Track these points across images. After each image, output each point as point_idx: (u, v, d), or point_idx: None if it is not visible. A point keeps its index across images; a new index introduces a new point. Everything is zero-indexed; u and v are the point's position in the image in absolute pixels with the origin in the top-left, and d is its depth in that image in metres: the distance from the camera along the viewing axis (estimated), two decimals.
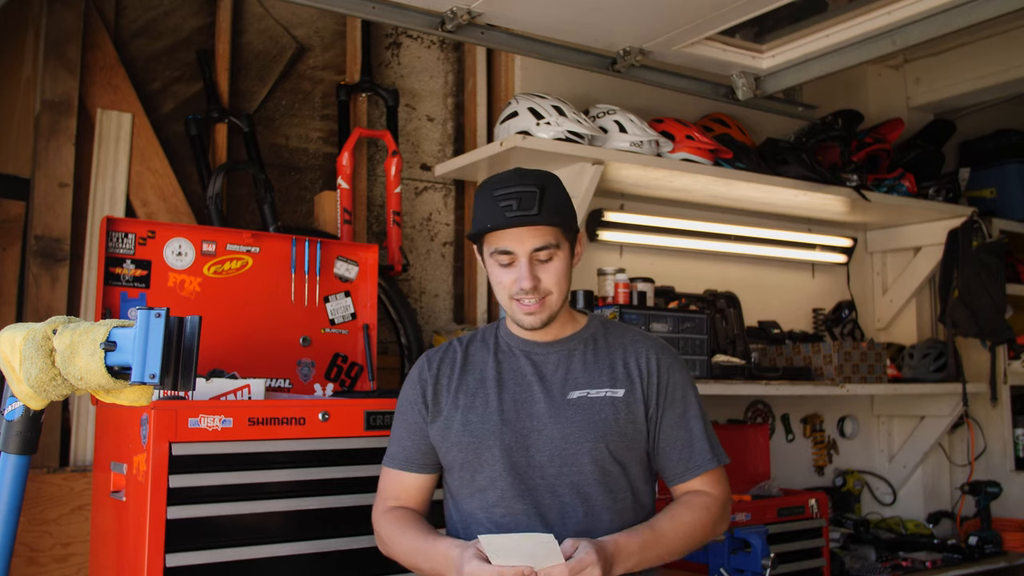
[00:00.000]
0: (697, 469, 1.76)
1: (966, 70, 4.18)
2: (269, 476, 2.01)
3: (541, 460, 1.70)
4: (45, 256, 2.52)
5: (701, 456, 1.76)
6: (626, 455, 1.73)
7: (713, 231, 3.70)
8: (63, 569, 2.38)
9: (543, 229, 1.69)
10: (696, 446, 1.77)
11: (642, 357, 1.78)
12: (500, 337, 1.85)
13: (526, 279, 1.68)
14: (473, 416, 1.75)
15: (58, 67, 2.59)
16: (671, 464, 1.77)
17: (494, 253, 1.71)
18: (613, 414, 1.72)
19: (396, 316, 2.99)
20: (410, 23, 2.53)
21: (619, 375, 1.76)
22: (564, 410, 1.72)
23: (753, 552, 2.51)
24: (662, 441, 1.76)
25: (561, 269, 1.72)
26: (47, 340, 1.43)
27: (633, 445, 1.74)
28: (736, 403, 3.73)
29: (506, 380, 1.78)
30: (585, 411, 1.71)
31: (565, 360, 1.78)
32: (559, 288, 1.72)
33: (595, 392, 1.73)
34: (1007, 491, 3.85)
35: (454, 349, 1.86)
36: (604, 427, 1.70)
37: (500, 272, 1.72)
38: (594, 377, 1.75)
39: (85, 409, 2.50)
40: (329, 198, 2.98)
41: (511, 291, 1.71)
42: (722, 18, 2.61)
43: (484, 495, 1.72)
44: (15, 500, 1.47)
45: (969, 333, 3.87)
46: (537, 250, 1.69)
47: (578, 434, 1.69)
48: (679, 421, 1.77)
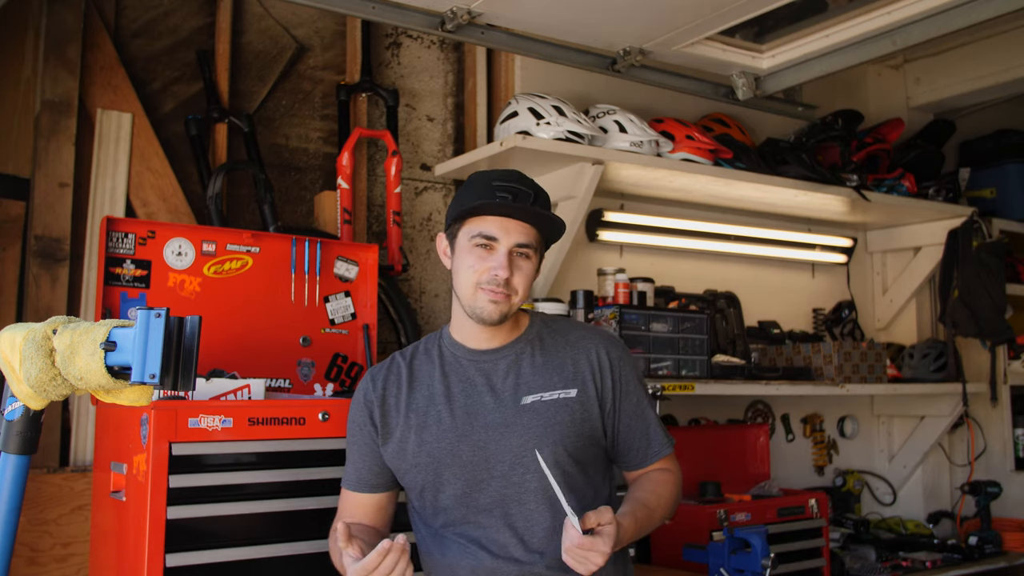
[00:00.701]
0: (657, 454, 1.81)
1: (966, 70, 4.18)
2: (269, 476, 2.01)
3: (503, 470, 1.69)
4: (45, 256, 2.52)
5: (658, 443, 1.82)
6: (584, 454, 1.74)
7: (713, 231, 3.70)
8: (63, 569, 2.38)
9: (530, 229, 1.70)
10: (652, 434, 1.81)
11: (592, 353, 1.78)
12: (444, 347, 1.82)
13: (503, 268, 1.67)
14: (427, 436, 1.73)
15: (58, 67, 2.59)
16: (631, 453, 1.81)
17: (475, 236, 1.69)
18: (569, 415, 1.72)
19: (396, 316, 2.99)
20: (410, 23, 2.53)
21: (569, 375, 1.76)
22: (519, 416, 1.70)
23: (753, 552, 2.51)
24: (622, 432, 1.79)
25: (531, 273, 1.73)
26: (47, 340, 1.43)
27: (590, 443, 1.75)
28: (736, 403, 3.73)
29: (455, 393, 1.76)
30: (540, 415, 1.70)
31: (514, 366, 1.76)
32: (524, 291, 1.72)
33: (548, 395, 1.73)
34: (1007, 491, 3.85)
35: (398, 364, 1.83)
36: (561, 429, 1.70)
37: (474, 257, 1.69)
38: (545, 380, 1.75)
39: (85, 409, 2.50)
40: (329, 198, 2.98)
41: (481, 278, 1.69)
42: (722, 18, 2.61)
43: (450, 513, 1.72)
44: (15, 500, 1.47)
45: (969, 333, 3.87)
46: (519, 246, 1.69)
47: (536, 439, 1.68)
48: (635, 411, 1.80)
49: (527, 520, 1.68)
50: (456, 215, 1.73)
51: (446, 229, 1.78)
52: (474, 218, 1.70)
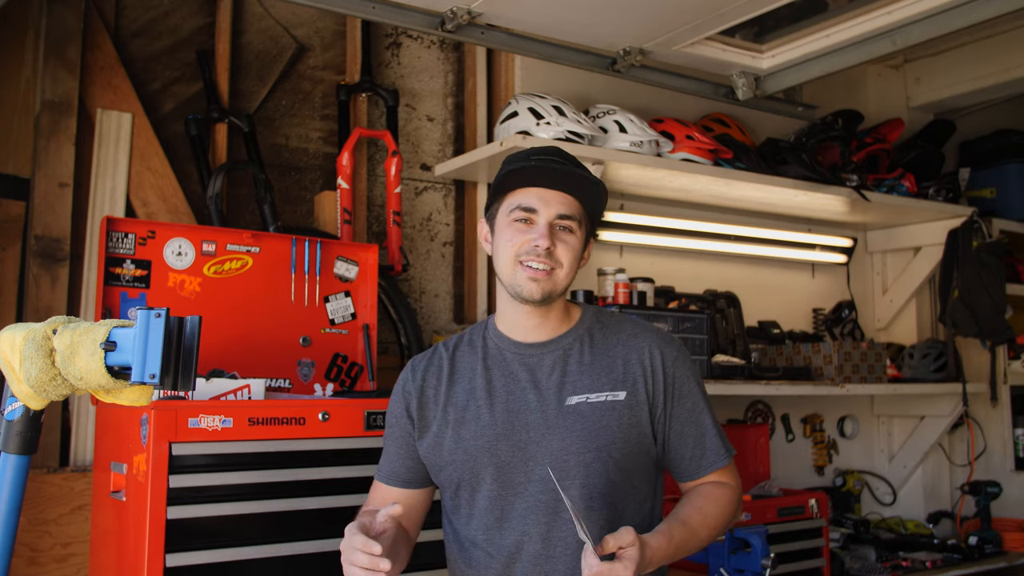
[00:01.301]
0: (711, 466, 1.67)
1: (966, 70, 4.18)
2: (269, 476, 2.01)
3: (541, 473, 1.58)
4: (45, 256, 2.52)
5: (714, 452, 1.67)
6: (631, 463, 1.62)
7: (713, 231, 3.70)
8: (63, 569, 2.38)
9: (571, 200, 1.61)
10: (708, 442, 1.67)
11: (644, 353, 1.66)
12: (489, 339, 1.72)
13: (544, 238, 1.57)
14: (465, 432, 1.63)
15: (58, 67, 2.59)
16: (684, 462, 1.68)
17: (513, 210, 1.61)
18: (616, 420, 1.60)
19: (396, 316, 2.99)
20: (410, 23, 2.53)
21: (619, 376, 1.64)
22: (562, 418, 1.60)
23: (753, 552, 2.51)
24: (673, 440, 1.66)
25: (576, 248, 1.62)
26: (47, 340, 1.43)
27: (638, 451, 1.63)
28: (736, 403, 3.73)
29: (497, 389, 1.66)
30: (585, 418, 1.60)
31: (561, 362, 1.66)
32: (569, 266, 1.61)
33: (595, 396, 1.62)
34: (1007, 491, 3.85)
35: (440, 355, 1.73)
36: (607, 435, 1.59)
37: (513, 231, 1.61)
38: (593, 380, 1.63)
39: (85, 409, 2.50)
40: (329, 198, 2.98)
41: (521, 251, 1.59)
42: (722, 18, 2.61)
43: (484, 516, 1.62)
44: (15, 500, 1.47)
45: (969, 333, 3.87)
46: (561, 217, 1.60)
47: (579, 444, 1.58)
48: (689, 417, 1.66)
49: (563, 530, 1.57)
50: (494, 191, 1.65)
51: (485, 213, 1.70)
52: (512, 193, 1.62)
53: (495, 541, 1.61)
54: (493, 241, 1.67)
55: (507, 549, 1.59)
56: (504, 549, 1.60)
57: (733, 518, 1.69)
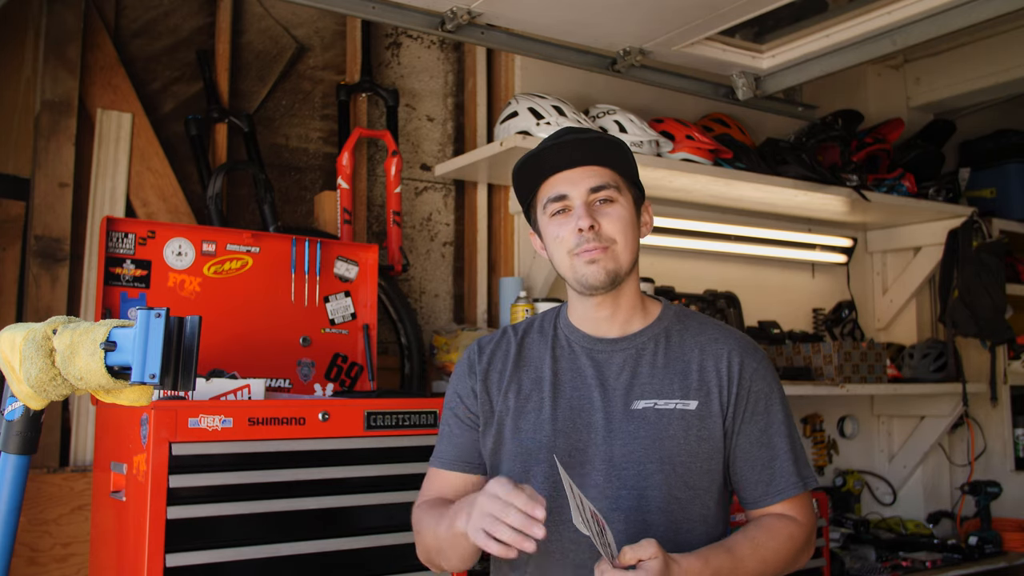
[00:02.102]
0: (778, 495, 1.51)
1: (966, 70, 4.18)
2: (269, 476, 2.01)
3: (597, 479, 1.47)
4: (45, 256, 2.52)
5: (784, 480, 1.51)
6: (698, 479, 1.49)
7: (713, 231, 3.69)
8: (63, 569, 2.38)
9: (599, 170, 1.49)
10: (779, 467, 1.51)
11: (722, 360, 1.52)
12: (560, 328, 1.61)
13: (583, 217, 1.46)
14: (524, 424, 1.54)
15: (58, 67, 2.59)
16: (749, 487, 1.52)
17: (547, 203, 1.51)
18: (684, 431, 1.48)
19: (396, 316, 2.99)
20: (410, 23, 2.53)
21: (692, 383, 1.51)
22: (627, 423, 1.49)
23: None
24: (739, 460, 1.51)
25: (625, 216, 1.49)
26: (47, 340, 1.43)
27: (707, 467, 1.49)
28: None
29: (563, 383, 1.55)
30: (651, 426, 1.48)
31: (632, 362, 1.54)
32: (624, 237, 1.48)
33: (663, 403, 1.49)
34: (1007, 491, 3.85)
35: (508, 339, 1.63)
36: (672, 446, 1.47)
37: (556, 226, 1.50)
38: (664, 385, 1.51)
39: (85, 409, 2.50)
40: (329, 198, 2.98)
41: (570, 244, 1.48)
42: (722, 18, 2.61)
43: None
44: (15, 500, 1.47)
45: (969, 333, 3.87)
46: (594, 190, 1.48)
47: (641, 453, 1.46)
48: (761, 437, 1.51)
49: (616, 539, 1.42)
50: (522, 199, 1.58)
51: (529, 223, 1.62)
52: (539, 190, 1.53)
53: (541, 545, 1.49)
54: (546, 247, 1.58)
55: (552, 554, 1.50)
56: (549, 554, 1.50)
57: (797, 558, 1.51)
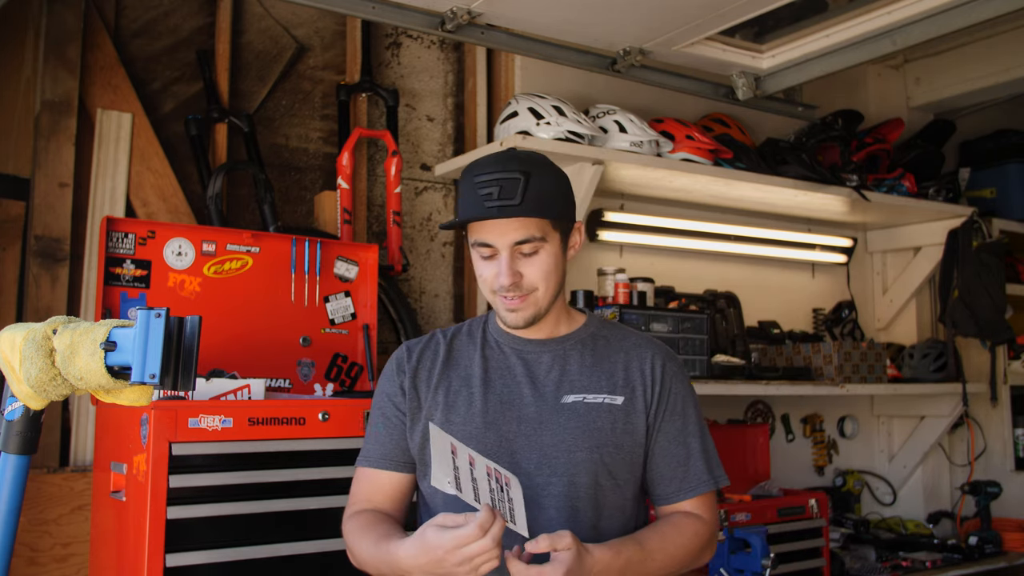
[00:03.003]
0: (691, 490, 1.61)
1: (966, 70, 4.18)
2: (269, 476, 2.01)
3: (528, 468, 1.54)
4: (45, 256, 2.52)
5: (697, 476, 1.61)
6: (621, 470, 1.58)
7: (713, 231, 3.69)
8: (63, 569, 2.38)
9: (526, 221, 1.54)
10: (692, 465, 1.62)
11: (646, 362, 1.64)
12: (489, 332, 1.69)
13: (505, 275, 1.54)
14: (454, 416, 1.59)
15: (58, 67, 2.59)
16: (663, 483, 1.62)
17: (475, 245, 1.58)
18: (611, 423, 1.58)
19: (396, 316, 2.99)
20: (410, 23, 2.53)
21: (619, 381, 1.62)
22: (557, 415, 1.57)
23: (753, 552, 2.51)
24: (657, 456, 1.62)
25: (549, 264, 1.57)
26: (47, 340, 1.43)
27: (630, 459, 1.59)
28: (736, 403, 3.73)
29: (493, 379, 1.62)
30: (580, 417, 1.57)
31: (560, 361, 1.63)
32: (546, 283, 1.57)
33: (592, 397, 1.59)
34: (1007, 491, 3.85)
35: (437, 341, 1.70)
36: (600, 436, 1.56)
37: (482, 265, 1.59)
38: (591, 381, 1.61)
39: (85, 409, 2.50)
40: (329, 198, 2.98)
41: (493, 286, 1.57)
42: (722, 18, 2.61)
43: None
44: (15, 500, 1.47)
45: (969, 333, 3.87)
46: (519, 243, 1.54)
47: (570, 442, 1.55)
48: (678, 436, 1.62)
49: (545, 527, 1.50)
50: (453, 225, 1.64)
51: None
52: (469, 225, 1.59)
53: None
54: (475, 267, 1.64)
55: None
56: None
57: (700, 555, 1.61)
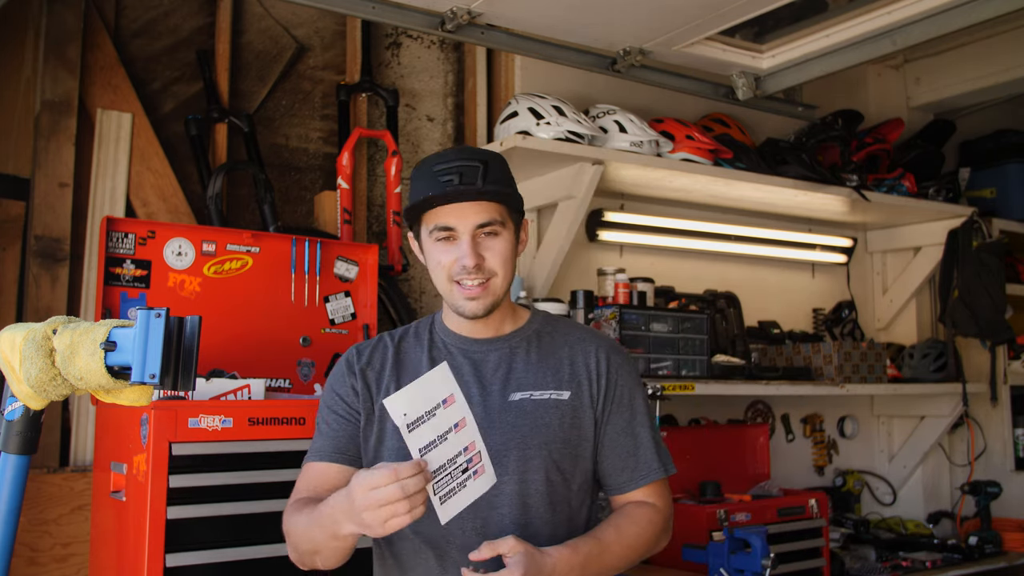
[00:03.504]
0: (642, 479, 1.63)
1: (966, 70, 4.18)
2: (269, 476, 2.01)
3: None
4: (45, 256, 2.52)
5: (647, 466, 1.64)
6: (569, 464, 1.60)
7: (713, 231, 3.69)
8: (63, 569, 2.38)
9: (487, 205, 1.56)
10: (642, 455, 1.64)
11: (591, 356, 1.65)
12: (435, 333, 1.69)
13: (468, 256, 1.54)
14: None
15: (58, 67, 2.59)
16: (615, 473, 1.64)
17: (433, 231, 1.57)
18: (558, 419, 1.59)
19: (396, 316, 2.99)
20: (410, 23, 2.53)
21: (564, 376, 1.63)
22: (505, 414, 1.58)
23: (753, 552, 2.51)
24: (606, 448, 1.64)
25: (507, 250, 1.58)
26: (47, 340, 1.43)
27: (577, 453, 1.61)
28: (736, 403, 3.73)
29: None
30: (528, 415, 1.58)
31: (507, 359, 1.64)
32: (504, 270, 1.58)
33: (539, 394, 1.60)
34: (1007, 491, 3.85)
35: (385, 344, 1.69)
36: (548, 432, 1.58)
37: (439, 252, 1.58)
38: (538, 378, 1.62)
39: (85, 409, 2.50)
40: (329, 198, 2.98)
41: (451, 272, 1.56)
42: (722, 18, 2.61)
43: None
44: (15, 500, 1.47)
45: (969, 333, 3.87)
46: (481, 226, 1.55)
47: (519, 439, 1.56)
48: (626, 427, 1.64)
49: (498, 525, 1.53)
50: (408, 215, 1.63)
51: (410, 229, 1.67)
52: (428, 212, 1.58)
53: (425, 533, 1.55)
54: (428, 265, 1.64)
55: (439, 542, 1.55)
56: (435, 542, 1.55)
57: (657, 541, 1.64)
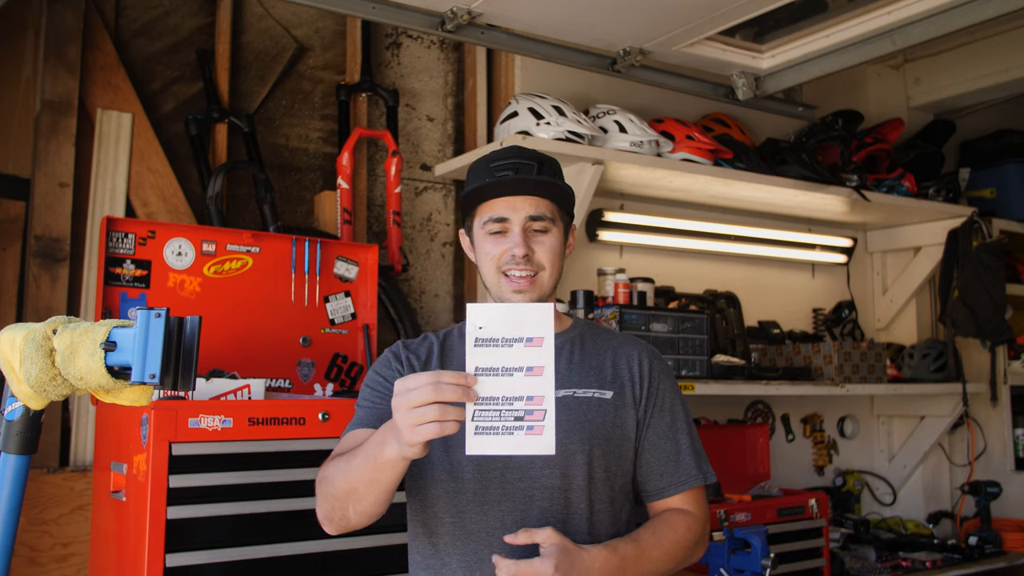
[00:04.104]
0: (681, 485, 1.64)
1: (966, 70, 4.18)
2: (269, 476, 2.01)
3: (521, 462, 1.56)
4: (45, 256, 2.52)
5: (686, 472, 1.65)
6: (612, 463, 1.61)
7: (713, 231, 3.70)
8: (63, 569, 2.38)
9: (539, 200, 1.60)
10: (683, 460, 1.65)
11: (633, 360, 1.68)
12: None
13: (519, 245, 1.57)
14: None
15: (58, 67, 2.59)
16: (654, 478, 1.65)
17: (486, 223, 1.61)
18: (600, 416, 1.61)
19: (396, 316, 2.99)
20: (410, 23, 2.53)
21: (607, 376, 1.65)
22: None
23: (753, 552, 2.51)
24: (647, 451, 1.65)
25: (556, 246, 1.62)
26: (47, 340, 1.43)
27: (619, 452, 1.62)
28: (736, 403, 3.73)
29: None
30: (571, 411, 1.59)
31: None
32: (552, 266, 1.61)
33: (582, 392, 1.62)
34: (1007, 491, 3.85)
35: (430, 340, 1.72)
36: (591, 429, 1.59)
37: (490, 243, 1.61)
38: (581, 377, 1.64)
39: (85, 409, 2.50)
40: (329, 198, 2.98)
41: (500, 262, 1.59)
42: (722, 18, 2.61)
43: (455, 498, 1.57)
44: (15, 500, 1.47)
45: (969, 333, 3.87)
46: (533, 219, 1.59)
47: (562, 435, 1.55)
48: (667, 432, 1.66)
49: (538, 520, 1.54)
50: (465, 207, 1.67)
51: (463, 225, 1.72)
52: (482, 205, 1.62)
53: (464, 524, 1.57)
54: (475, 252, 1.68)
55: (478, 535, 1.56)
56: (475, 535, 1.56)
57: (694, 550, 1.64)
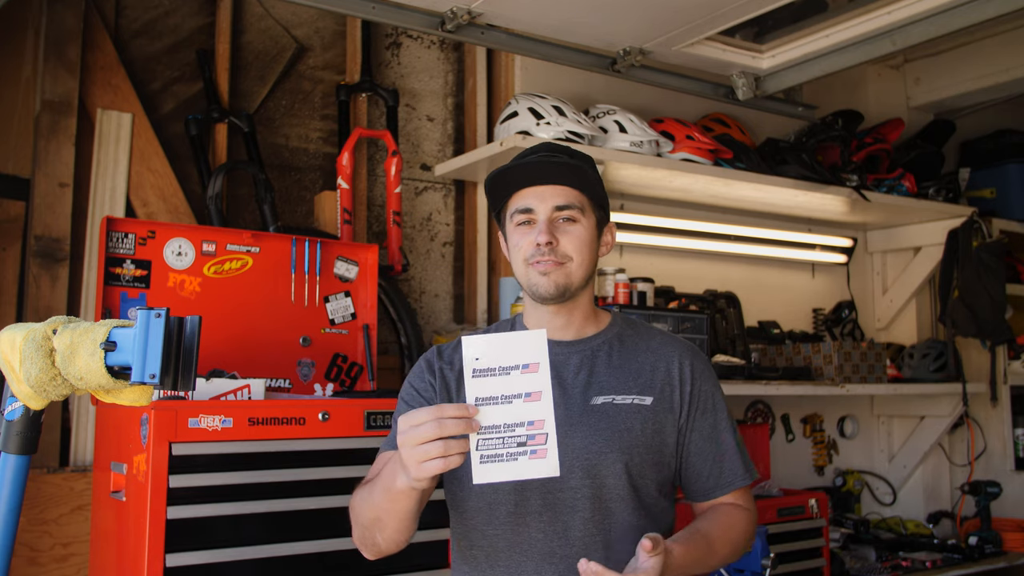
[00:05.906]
0: (728, 486, 1.63)
1: (966, 70, 4.18)
2: (269, 476, 2.01)
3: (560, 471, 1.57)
4: (45, 256, 2.52)
5: (732, 472, 1.63)
6: (651, 470, 1.58)
7: (713, 231, 3.70)
8: (63, 569, 2.38)
9: (567, 190, 1.57)
10: (728, 461, 1.63)
11: (673, 362, 1.64)
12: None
13: (543, 232, 1.55)
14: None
15: (58, 67, 2.59)
16: (700, 480, 1.63)
17: (514, 214, 1.60)
18: (640, 424, 1.57)
19: (396, 316, 2.99)
20: (410, 23, 2.53)
21: (646, 381, 1.61)
22: (587, 417, 1.56)
23: (753, 552, 2.51)
24: (692, 454, 1.62)
25: (584, 236, 1.58)
26: (47, 340, 1.43)
27: (659, 459, 1.59)
28: (736, 403, 3.73)
29: None
30: (610, 419, 1.56)
31: (588, 362, 1.62)
32: (580, 256, 1.58)
33: (621, 399, 1.58)
34: (1007, 491, 3.85)
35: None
36: (630, 437, 1.56)
37: (518, 235, 1.59)
38: (620, 382, 1.60)
39: (85, 409, 2.50)
40: (329, 198, 2.98)
41: (527, 254, 1.57)
42: (722, 18, 2.61)
43: (494, 509, 1.55)
44: (15, 500, 1.47)
45: (969, 333, 3.87)
46: (559, 208, 1.57)
47: (602, 443, 1.54)
48: (711, 433, 1.63)
49: (581, 530, 1.52)
50: (493, 203, 1.65)
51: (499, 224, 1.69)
52: (512, 197, 1.61)
53: (504, 535, 1.55)
54: (508, 252, 1.66)
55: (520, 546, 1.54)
56: (517, 546, 1.54)
57: (749, 541, 1.64)
